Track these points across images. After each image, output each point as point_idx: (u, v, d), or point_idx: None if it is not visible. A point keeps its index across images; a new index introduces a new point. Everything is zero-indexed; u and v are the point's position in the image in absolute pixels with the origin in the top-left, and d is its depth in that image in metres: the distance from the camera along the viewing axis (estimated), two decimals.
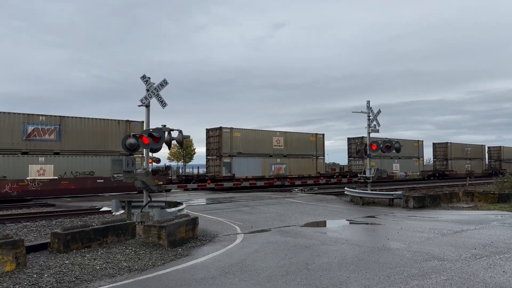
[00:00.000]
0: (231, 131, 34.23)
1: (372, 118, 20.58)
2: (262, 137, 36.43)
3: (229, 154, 33.57)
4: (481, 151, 59.66)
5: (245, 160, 34.76)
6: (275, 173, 36.81)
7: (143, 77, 12.12)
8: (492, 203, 19.08)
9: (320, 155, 40.94)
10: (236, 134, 34.23)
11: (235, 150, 33.98)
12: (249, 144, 35.15)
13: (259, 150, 35.83)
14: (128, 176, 11.72)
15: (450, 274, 7.01)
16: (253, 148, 35.45)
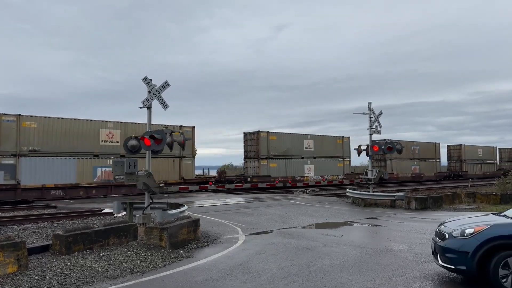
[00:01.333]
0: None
1: (373, 119, 20.56)
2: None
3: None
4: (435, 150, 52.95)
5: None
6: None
7: (145, 79, 12.13)
8: (494, 204, 19.02)
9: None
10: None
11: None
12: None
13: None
14: (129, 178, 11.73)
15: (452, 275, 6.99)
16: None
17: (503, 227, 6.45)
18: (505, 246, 6.15)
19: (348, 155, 42.71)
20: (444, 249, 6.60)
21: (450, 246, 6.50)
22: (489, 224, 6.48)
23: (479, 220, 6.98)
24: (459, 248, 6.35)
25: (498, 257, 6.05)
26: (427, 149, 51.76)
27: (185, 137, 13.39)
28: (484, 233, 6.26)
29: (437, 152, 53.03)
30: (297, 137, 38.49)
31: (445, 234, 6.77)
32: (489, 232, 6.26)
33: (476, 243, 6.20)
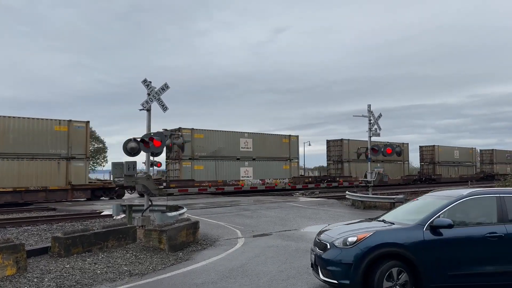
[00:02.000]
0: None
1: (373, 122, 20.60)
2: None
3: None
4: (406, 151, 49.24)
5: None
6: None
7: (144, 81, 12.14)
8: None
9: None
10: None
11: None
12: None
13: None
14: (129, 180, 11.73)
15: None
16: None
17: (386, 233, 5.91)
18: (389, 255, 5.65)
19: (297, 156, 38.80)
20: (325, 261, 5.91)
21: (332, 258, 5.82)
22: (372, 231, 5.90)
23: (362, 226, 6.39)
24: (342, 259, 5.71)
25: (383, 267, 5.53)
26: None
27: (185, 139, 13.40)
28: (368, 241, 5.69)
29: (405, 153, 48.38)
30: (231, 135, 33.96)
31: (326, 244, 6.06)
32: (373, 240, 5.70)
33: (360, 253, 5.62)
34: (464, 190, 6.41)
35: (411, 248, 5.65)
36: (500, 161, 60.85)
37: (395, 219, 6.44)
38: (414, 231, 5.82)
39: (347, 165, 42.93)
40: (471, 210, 6.24)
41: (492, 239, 5.81)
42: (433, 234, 5.78)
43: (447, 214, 5.99)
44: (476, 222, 6.14)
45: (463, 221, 6.10)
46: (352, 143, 42.41)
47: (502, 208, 6.07)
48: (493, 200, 6.18)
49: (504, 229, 5.89)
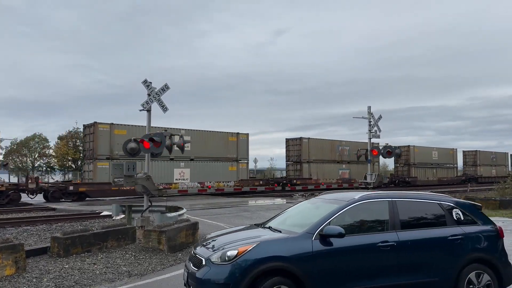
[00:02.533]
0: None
1: (373, 123, 20.63)
2: None
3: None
4: None
5: None
6: None
7: (145, 82, 12.16)
8: (493, 210, 19.02)
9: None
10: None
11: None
12: None
13: None
14: (128, 181, 11.73)
15: None
16: None
17: (272, 244, 5.05)
18: (274, 271, 4.83)
19: (246, 156, 34.22)
20: (198, 281, 4.94)
21: (207, 277, 4.84)
22: (256, 242, 5.00)
23: (245, 236, 5.42)
24: (218, 279, 4.75)
25: (265, 286, 4.71)
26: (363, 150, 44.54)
27: (184, 139, 13.41)
28: (250, 255, 4.80)
29: None
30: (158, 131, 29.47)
31: (201, 259, 5.11)
32: (256, 253, 4.83)
33: (240, 270, 4.71)
34: (356, 193, 5.85)
35: (298, 262, 4.90)
36: (484, 163, 57.22)
37: (282, 226, 5.70)
38: (302, 241, 5.06)
39: (307, 166, 38.59)
40: (364, 216, 5.65)
41: (385, 249, 5.26)
42: (323, 244, 5.06)
43: (338, 221, 5.31)
44: (369, 229, 5.54)
45: (355, 228, 5.47)
46: (313, 142, 39.06)
47: (394, 214, 5.54)
48: (386, 204, 5.62)
49: (396, 237, 5.36)
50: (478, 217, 5.96)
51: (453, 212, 5.80)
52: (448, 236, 5.55)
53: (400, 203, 5.66)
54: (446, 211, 5.79)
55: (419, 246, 5.43)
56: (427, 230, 5.60)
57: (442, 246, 5.51)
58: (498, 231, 5.91)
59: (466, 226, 5.74)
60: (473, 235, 5.71)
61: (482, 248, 5.70)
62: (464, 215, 5.83)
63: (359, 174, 40.45)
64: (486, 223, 5.95)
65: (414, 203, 5.83)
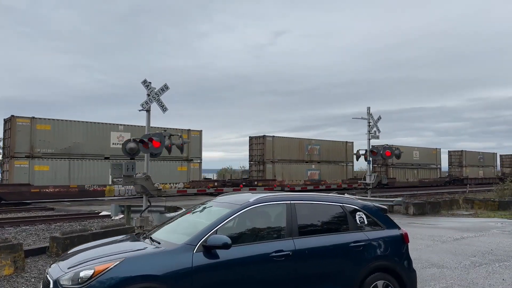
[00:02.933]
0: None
1: (372, 124, 20.62)
2: None
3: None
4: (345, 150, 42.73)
5: None
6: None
7: (144, 82, 12.16)
8: (492, 211, 19.04)
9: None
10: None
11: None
12: None
13: None
14: (127, 181, 11.73)
15: (449, 281, 6.99)
16: None
17: (142, 260, 4.19)
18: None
19: (199, 155, 32.49)
20: None
21: None
22: (120, 258, 4.10)
23: (112, 251, 4.46)
24: None
25: None
26: (334, 150, 40.91)
27: (184, 140, 13.41)
28: (109, 275, 3.91)
29: (348, 154, 41.98)
30: (97, 127, 26.88)
31: (49, 281, 4.20)
32: (120, 271, 3.96)
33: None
34: (252, 196, 5.16)
35: (174, 281, 4.08)
36: (471, 163, 54.27)
37: (165, 236, 4.82)
38: (181, 254, 4.25)
39: (271, 166, 36.04)
40: (259, 221, 5.04)
41: (279, 259, 4.60)
42: (208, 257, 4.29)
43: (227, 229, 4.59)
44: (263, 237, 4.82)
45: (248, 236, 4.79)
46: (279, 141, 36.90)
47: (292, 218, 4.92)
48: (283, 208, 5.01)
49: (292, 245, 4.73)
50: (383, 221, 5.52)
51: (357, 215, 5.34)
52: (350, 243, 5.06)
53: (299, 206, 5.08)
54: (349, 214, 5.31)
55: (318, 255, 4.89)
56: (327, 236, 5.06)
57: (343, 254, 5.02)
58: (404, 236, 5.52)
59: (370, 231, 5.30)
60: (377, 241, 5.26)
61: (386, 255, 5.28)
62: (368, 218, 5.39)
63: (331, 175, 39.62)
64: (391, 227, 5.53)
65: (315, 206, 5.28)
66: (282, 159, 36.56)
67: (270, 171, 36.00)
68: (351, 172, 42.68)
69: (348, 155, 41.86)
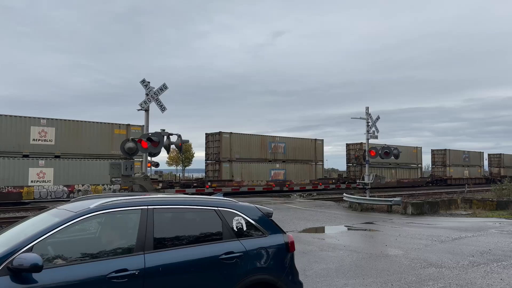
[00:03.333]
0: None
1: (371, 124, 20.64)
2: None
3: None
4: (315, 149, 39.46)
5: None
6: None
7: (143, 82, 12.16)
8: (491, 210, 19.09)
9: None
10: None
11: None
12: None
13: None
14: (126, 180, 11.73)
15: (447, 281, 7.01)
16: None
17: None
18: None
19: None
20: None
21: None
22: None
23: None
24: None
25: None
26: (302, 149, 37.99)
27: (183, 140, 13.40)
28: None
29: (318, 153, 39.40)
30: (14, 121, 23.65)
31: None
32: None
33: None
34: (95, 200, 4.13)
35: None
36: (455, 163, 51.87)
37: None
38: None
39: (228, 165, 32.67)
40: (100, 233, 4.16)
41: (120, 281, 3.64)
42: (17, 282, 3.26)
43: (51, 244, 3.60)
44: (104, 253, 3.80)
45: (81, 253, 3.73)
46: (237, 138, 33.50)
47: (147, 228, 3.99)
48: (137, 215, 4.06)
49: (142, 262, 3.81)
50: (266, 226, 4.77)
51: (234, 221, 4.55)
52: (221, 255, 4.23)
53: (159, 213, 4.16)
54: (225, 220, 4.49)
55: (176, 272, 3.98)
56: (191, 248, 4.16)
57: (211, 269, 4.17)
58: (289, 243, 4.80)
59: (249, 239, 4.53)
60: (256, 251, 4.50)
61: (266, 268, 4.54)
62: (248, 224, 4.63)
63: (298, 175, 37.02)
64: (275, 233, 4.80)
65: (181, 212, 4.41)
66: (241, 158, 33.24)
67: (227, 171, 32.55)
68: (320, 172, 39.98)
69: (318, 153, 39.40)
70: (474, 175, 54.49)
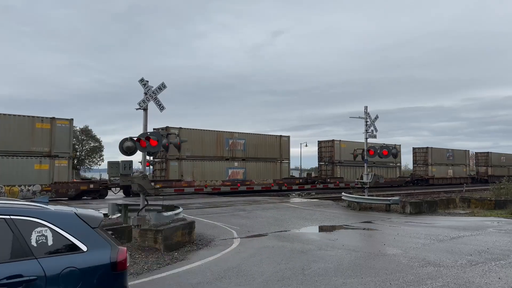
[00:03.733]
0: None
1: (369, 123, 20.63)
2: None
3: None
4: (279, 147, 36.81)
5: None
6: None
7: (141, 81, 12.12)
8: (489, 210, 19.12)
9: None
10: None
11: None
12: None
13: None
14: (124, 179, 11.70)
15: (445, 280, 7.02)
16: None
17: None
18: None
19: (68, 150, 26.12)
20: None
21: None
22: None
23: None
24: None
25: None
26: (264, 146, 35.54)
27: (182, 139, 13.38)
28: None
29: (283, 151, 36.78)
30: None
31: None
32: None
33: None
34: None
35: None
36: (438, 161, 49.91)
37: None
38: None
39: (176, 164, 30.02)
40: None
41: None
42: None
43: None
44: None
45: None
46: (187, 133, 29.82)
47: None
48: None
49: None
50: (85, 239, 3.64)
51: (34, 233, 3.44)
52: None
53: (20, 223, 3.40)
54: (18, 232, 3.38)
55: None
56: None
57: None
58: (117, 262, 3.74)
59: (53, 257, 3.44)
60: (62, 273, 3.39)
61: None
62: (57, 237, 3.50)
63: (260, 174, 34.44)
64: (98, 248, 3.68)
65: None
66: (192, 155, 30.63)
67: (175, 169, 29.95)
68: (286, 171, 37.37)
69: (283, 151, 36.63)
70: (459, 175, 52.64)
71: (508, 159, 61.16)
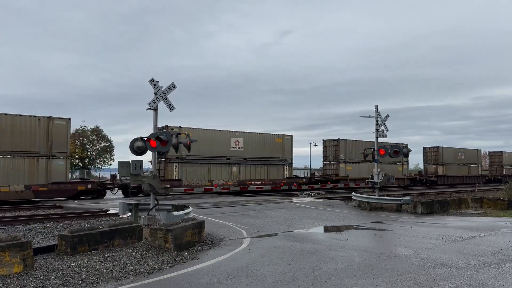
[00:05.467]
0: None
1: (380, 122, 20.47)
2: None
3: None
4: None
5: None
6: None
7: (152, 81, 12.18)
8: (502, 210, 18.85)
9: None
10: None
11: None
12: None
13: None
14: (135, 179, 11.77)
15: (458, 281, 6.92)
16: None
17: None
18: None
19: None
20: None
21: None
22: None
23: None
24: None
25: None
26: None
27: (191, 139, 13.41)
28: None
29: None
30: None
31: None
32: None
33: None
34: None
35: None
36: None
37: None
38: None
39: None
40: None
41: None
42: None
43: None
44: None
45: None
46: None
47: None
48: None
49: None
50: None
51: None
52: None
53: None
54: None
55: None
56: None
57: None
58: None
59: None
60: None
61: None
62: None
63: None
64: None
65: None
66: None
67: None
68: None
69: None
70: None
71: None
